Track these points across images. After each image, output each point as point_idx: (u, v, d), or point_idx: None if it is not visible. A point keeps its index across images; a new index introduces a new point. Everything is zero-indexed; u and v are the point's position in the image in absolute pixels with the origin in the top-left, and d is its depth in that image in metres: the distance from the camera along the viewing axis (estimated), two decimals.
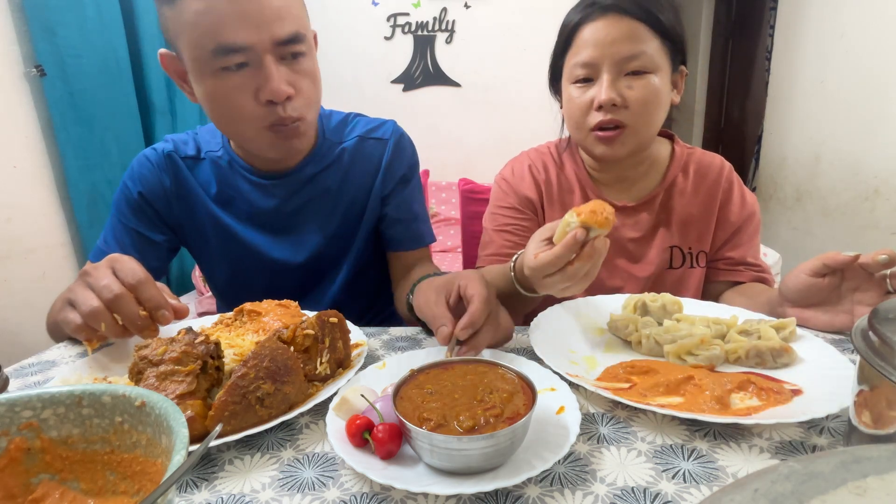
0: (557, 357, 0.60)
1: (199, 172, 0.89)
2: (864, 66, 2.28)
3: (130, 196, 0.87)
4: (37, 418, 0.36)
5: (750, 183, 3.33)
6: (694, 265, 0.95)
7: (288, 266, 0.91)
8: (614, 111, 0.81)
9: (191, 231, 0.91)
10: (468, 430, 0.42)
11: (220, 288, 1.00)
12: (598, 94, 0.81)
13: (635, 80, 0.80)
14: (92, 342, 0.63)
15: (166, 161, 0.88)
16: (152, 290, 0.61)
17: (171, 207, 0.89)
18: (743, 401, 0.52)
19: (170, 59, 0.76)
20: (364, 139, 0.93)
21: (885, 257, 0.65)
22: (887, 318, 0.38)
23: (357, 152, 0.92)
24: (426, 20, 2.66)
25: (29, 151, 1.64)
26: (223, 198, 0.89)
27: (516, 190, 0.97)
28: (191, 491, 0.44)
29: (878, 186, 2.24)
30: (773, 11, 3.09)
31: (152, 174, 0.87)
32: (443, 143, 2.78)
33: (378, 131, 0.94)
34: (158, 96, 1.99)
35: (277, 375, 0.51)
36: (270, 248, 0.90)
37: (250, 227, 0.90)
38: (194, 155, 0.89)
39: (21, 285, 1.61)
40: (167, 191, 0.88)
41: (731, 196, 0.95)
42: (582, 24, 0.82)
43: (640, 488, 0.42)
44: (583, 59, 0.81)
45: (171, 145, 0.89)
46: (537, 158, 1.00)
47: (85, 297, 0.59)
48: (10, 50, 1.57)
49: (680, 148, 0.97)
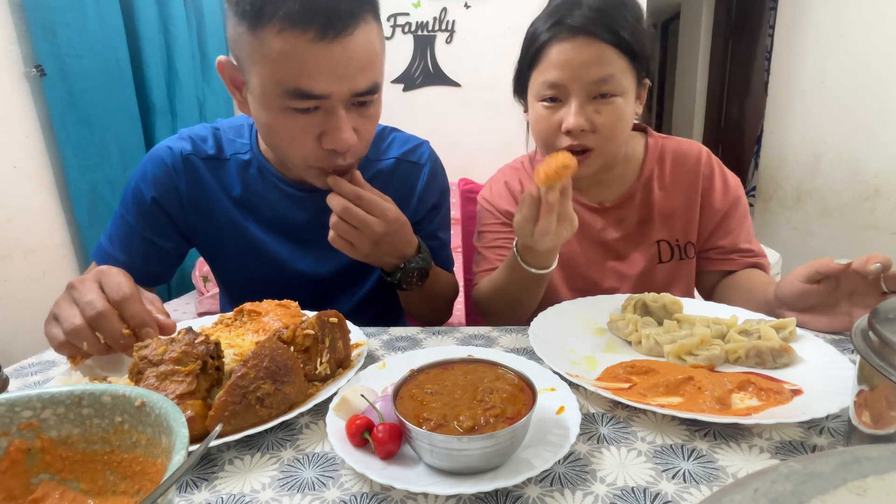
0: (557, 357, 0.61)
1: (222, 174, 0.85)
2: (864, 66, 2.28)
3: (143, 200, 0.83)
4: (37, 418, 0.36)
5: (749, 183, 3.33)
6: (683, 257, 0.95)
7: (308, 277, 0.89)
8: (582, 136, 0.81)
9: (206, 234, 0.88)
10: (468, 430, 0.42)
11: (232, 291, 0.97)
12: (566, 119, 0.80)
13: (603, 104, 0.80)
14: (76, 359, 0.61)
15: (183, 163, 0.84)
16: (137, 307, 0.59)
17: (185, 213, 0.85)
18: (743, 401, 0.52)
19: (229, 67, 0.71)
20: (401, 161, 0.91)
21: (877, 266, 0.64)
22: (887, 318, 0.38)
23: (393, 175, 0.91)
24: (426, 20, 2.66)
25: (29, 151, 1.64)
26: (247, 203, 0.85)
27: (497, 207, 0.99)
28: (191, 491, 0.44)
29: (878, 186, 2.24)
30: (773, 11, 3.09)
31: (167, 177, 0.83)
32: (443, 143, 2.75)
33: (415, 154, 0.93)
34: (158, 96, 1.98)
35: (277, 375, 0.51)
36: (294, 260, 0.88)
37: (274, 236, 0.87)
38: (215, 154, 0.85)
39: (21, 285, 1.61)
40: (182, 195, 0.84)
41: (712, 182, 0.94)
42: (550, 42, 0.80)
43: (640, 488, 0.42)
44: (551, 80, 0.80)
45: (188, 144, 0.85)
46: (512, 175, 1.02)
47: (68, 314, 0.58)
48: (10, 50, 1.57)
49: (654, 140, 0.96)
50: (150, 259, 0.85)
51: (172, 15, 1.98)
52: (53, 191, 1.72)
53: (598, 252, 0.96)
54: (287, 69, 0.63)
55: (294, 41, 0.61)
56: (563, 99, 0.82)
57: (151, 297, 0.64)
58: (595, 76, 0.78)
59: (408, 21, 2.67)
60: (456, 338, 0.73)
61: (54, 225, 1.73)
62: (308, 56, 0.62)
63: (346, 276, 0.91)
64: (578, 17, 0.78)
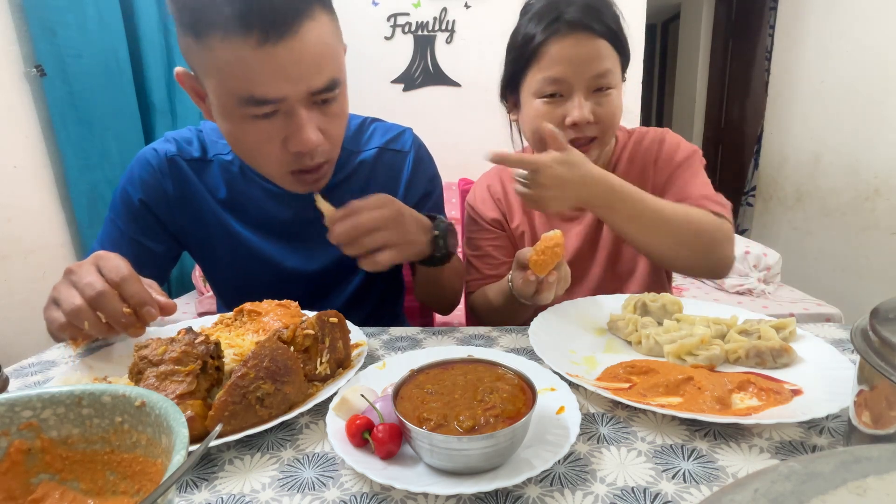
0: (557, 357, 0.60)
1: (207, 176, 0.85)
2: (864, 66, 2.28)
3: (131, 203, 0.83)
4: (37, 418, 0.36)
5: (749, 183, 3.33)
6: None
7: (299, 275, 0.89)
8: (586, 128, 0.84)
9: (195, 237, 0.88)
10: (468, 430, 0.42)
11: (225, 293, 0.97)
12: (571, 113, 0.83)
13: (602, 96, 0.84)
14: (77, 341, 0.62)
15: (169, 165, 0.83)
16: (136, 287, 0.59)
17: (173, 214, 0.85)
18: (743, 401, 0.52)
19: (188, 77, 0.70)
20: (384, 150, 0.90)
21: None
22: (887, 318, 0.38)
23: (376, 164, 0.90)
24: (426, 20, 2.66)
25: (29, 151, 1.64)
26: (233, 204, 0.85)
27: (481, 214, 1.01)
28: (191, 491, 0.44)
29: (878, 186, 2.24)
30: (773, 11, 3.09)
31: (154, 179, 0.83)
32: (443, 143, 2.76)
33: (397, 142, 0.92)
34: (158, 96, 1.99)
35: (277, 375, 0.51)
36: (283, 257, 0.88)
37: (262, 235, 0.87)
38: (200, 157, 0.85)
39: (21, 285, 1.61)
40: (170, 197, 0.84)
41: (660, 152, 0.94)
42: (549, 39, 0.82)
43: (640, 488, 0.42)
44: (553, 76, 0.82)
45: (173, 146, 0.84)
46: (494, 177, 1.04)
47: (68, 295, 0.58)
48: (10, 50, 1.57)
49: (622, 133, 0.99)
50: (142, 262, 0.84)
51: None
52: (53, 191, 1.72)
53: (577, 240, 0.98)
54: (237, 77, 0.61)
55: (238, 48, 0.60)
56: (564, 94, 0.84)
57: (149, 282, 0.64)
58: (595, 70, 0.81)
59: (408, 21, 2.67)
60: (456, 338, 0.73)
61: (54, 225, 1.73)
62: (254, 61, 0.60)
63: (337, 272, 0.91)
64: (574, 13, 0.80)
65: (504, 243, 1.01)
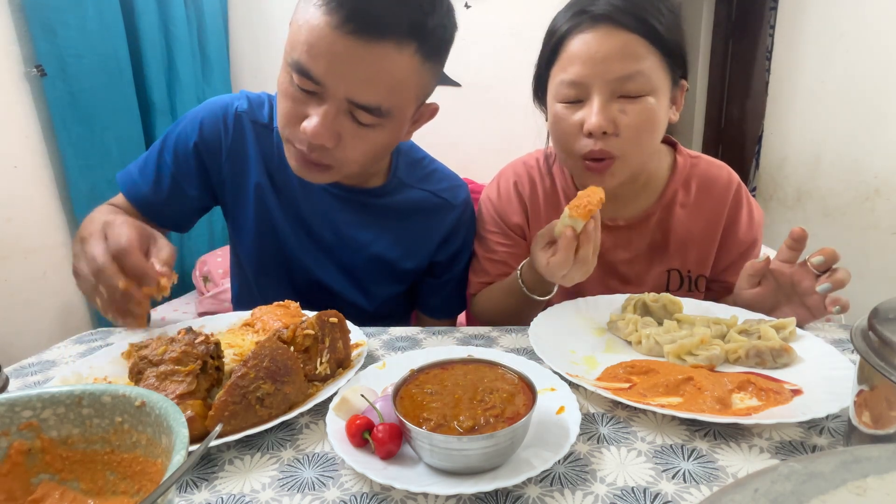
0: (557, 357, 0.60)
1: (265, 142, 0.84)
2: (864, 66, 2.28)
3: (185, 143, 0.83)
4: (37, 418, 0.36)
5: (750, 183, 3.33)
6: (693, 290, 0.87)
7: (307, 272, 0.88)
8: (605, 139, 0.72)
9: (232, 194, 0.87)
10: (468, 430, 0.42)
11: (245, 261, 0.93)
12: (587, 119, 0.71)
13: (630, 103, 0.71)
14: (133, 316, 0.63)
15: (235, 119, 0.84)
16: (134, 259, 0.59)
17: (220, 166, 0.85)
18: (743, 401, 0.52)
19: None
20: (434, 195, 0.89)
21: (820, 259, 0.67)
22: (887, 318, 0.38)
23: (423, 206, 0.89)
24: None
25: (29, 151, 1.64)
26: (274, 177, 0.85)
27: (503, 216, 0.92)
28: (191, 491, 0.44)
29: (878, 186, 2.24)
30: (773, 11, 3.09)
31: (215, 127, 0.83)
32: (443, 143, 2.76)
33: (450, 193, 0.91)
34: (158, 96, 1.98)
35: (277, 375, 0.51)
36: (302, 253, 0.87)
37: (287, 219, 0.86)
38: (266, 123, 0.85)
39: (21, 285, 1.60)
40: (224, 149, 0.84)
41: (738, 215, 0.85)
42: (570, 34, 0.73)
43: (640, 488, 0.42)
44: (570, 78, 0.72)
45: (245, 104, 0.85)
46: (524, 173, 0.93)
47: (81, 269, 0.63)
48: (10, 50, 1.57)
49: (683, 159, 0.86)
50: (172, 201, 0.84)
51: (172, 15, 1.98)
52: (53, 191, 1.72)
53: (601, 271, 0.88)
54: (301, 40, 0.64)
55: (321, 18, 0.62)
56: (584, 98, 0.73)
57: (161, 245, 0.64)
58: (619, 71, 0.69)
59: None
60: (456, 338, 0.73)
61: (54, 225, 1.73)
62: (321, 35, 0.62)
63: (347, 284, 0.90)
64: (603, 5, 0.70)
65: (521, 251, 0.91)
